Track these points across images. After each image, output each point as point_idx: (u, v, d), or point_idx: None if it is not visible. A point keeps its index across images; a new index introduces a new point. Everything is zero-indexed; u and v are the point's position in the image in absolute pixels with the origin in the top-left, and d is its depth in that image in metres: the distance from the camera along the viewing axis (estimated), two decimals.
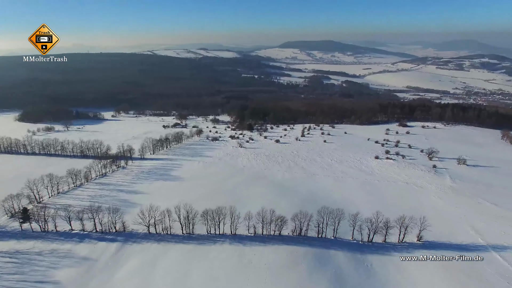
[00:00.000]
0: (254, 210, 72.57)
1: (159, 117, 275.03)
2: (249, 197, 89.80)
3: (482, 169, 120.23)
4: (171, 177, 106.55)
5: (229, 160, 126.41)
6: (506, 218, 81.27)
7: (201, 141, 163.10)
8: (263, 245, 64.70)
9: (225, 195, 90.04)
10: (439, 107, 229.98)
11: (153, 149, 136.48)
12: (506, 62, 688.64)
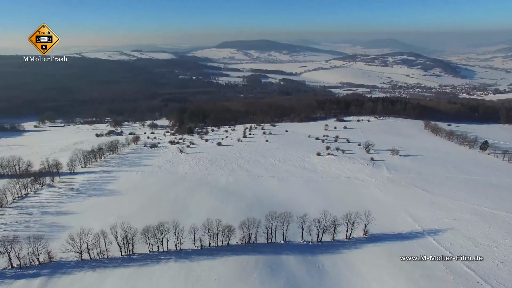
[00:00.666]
0: (200, 219, 68.97)
1: (91, 125, 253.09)
2: (193, 206, 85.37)
3: (412, 158, 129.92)
4: (107, 191, 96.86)
5: (169, 168, 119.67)
6: (436, 203, 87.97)
7: (138, 148, 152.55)
8: (212, 258, 61.13)
9: (168, 206, 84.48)
10: (371, 102, 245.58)
11: (84, 161, 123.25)
12: (421, 59, 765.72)
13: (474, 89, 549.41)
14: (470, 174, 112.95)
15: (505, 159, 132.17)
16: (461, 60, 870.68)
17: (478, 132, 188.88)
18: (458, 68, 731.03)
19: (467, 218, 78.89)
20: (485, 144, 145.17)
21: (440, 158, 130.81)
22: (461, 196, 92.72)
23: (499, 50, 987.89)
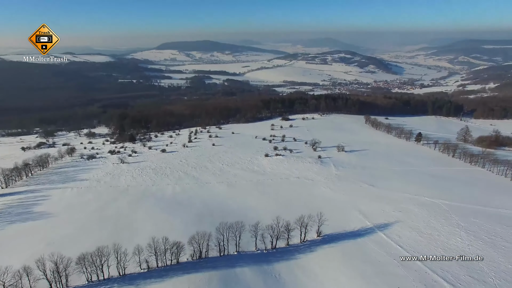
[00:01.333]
0: (146, 236, 63.70)
1: (16, 137, 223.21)
2: (138, 222, 78.67)
3: (357, 153, 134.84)
4: (34, 214, 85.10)
5: (110, 181, 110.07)
6: (382, 197, 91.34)
7: (74, 161, 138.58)
8: (160, 280, 55.98)
9: (109, 226, 76.75)
10: (314, 99, 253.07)
11: (5, 181, 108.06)
12: (357, 57, 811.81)
13: (404, 84, 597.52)
14: (409, 165, 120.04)
15: (436, 149, 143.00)
16: (391, 57, 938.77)
17: (411, 124, 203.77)
18: (390, 65, 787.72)
19: (411, 209, 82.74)
20: (419, 135, 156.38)
21: (382, 152, 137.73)
22: (404, 187, 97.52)
23: (421, 48, 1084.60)
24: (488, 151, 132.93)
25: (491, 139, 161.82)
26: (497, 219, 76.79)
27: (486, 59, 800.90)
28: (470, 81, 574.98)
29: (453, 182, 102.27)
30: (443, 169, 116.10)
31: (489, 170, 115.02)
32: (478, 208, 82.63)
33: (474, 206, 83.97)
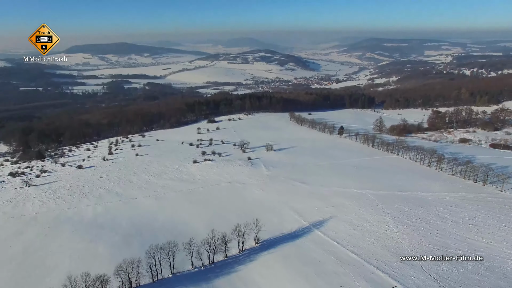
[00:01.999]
0: (61, 273, 54.59)
1: None
2: (51, 257, 67.38)
3: (285, 151, 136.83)
4: None
5: (11, 210, 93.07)
6: (314, 193, 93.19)
7: None
8: None
9: (11, 267, 64.36)
10: (239, 99, 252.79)
11: None
12: (277, 56, 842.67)
13: (322, 80, 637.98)
14: (336, 158, 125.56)
15: (357, 140, 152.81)
16: (308, 55, 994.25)
17: (332, 118, 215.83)
18: (307, 62, 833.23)
19: (342, 202, 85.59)
20: (341, 129, 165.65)
21: (309, 147, 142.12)
22: (333, 181, 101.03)
23: (334, 46, 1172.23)
24: (400, 139, 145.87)
25: (400, 128, 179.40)
26: (415, 202, 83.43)
27: (387, 56, 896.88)
28: (377, 75, 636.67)
29: (376, 171, 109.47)
30: (365, 160, 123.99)
31: (402, 157, 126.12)
32: (399, 194, 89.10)
33: (396, 192, 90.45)
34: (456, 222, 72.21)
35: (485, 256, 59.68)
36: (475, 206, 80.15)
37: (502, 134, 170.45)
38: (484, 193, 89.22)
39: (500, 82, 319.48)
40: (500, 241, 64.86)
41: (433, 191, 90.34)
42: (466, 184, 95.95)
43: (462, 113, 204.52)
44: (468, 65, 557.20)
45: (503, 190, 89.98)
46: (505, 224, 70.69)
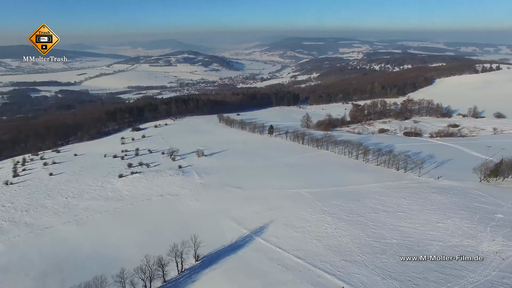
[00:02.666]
0: None
1: None
2: None
3: (217, 155, 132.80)
4: None
5: None
6: (251, 197, 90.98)
7: None
8: None
9: None
10: (164, 104, 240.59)
11: None
12: (200, 57, 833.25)
13: (247, 79, 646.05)
14: (269, 159, 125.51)
15: (288, 139, 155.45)
16: (232, 55, 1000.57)
17: (261, 117, 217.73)
18: (231, 62, 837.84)
19: (280, 204, 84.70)
20: (271, 128, 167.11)
21: (241, 149, 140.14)
22: (269, 183, 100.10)
23: (256, 46, 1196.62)
24: (327, 134, 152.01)
25: (326, 122, 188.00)
26: (349, 196, 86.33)
27: (307, 53, 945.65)
28: (299, 72, 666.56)
29: (309, 169, 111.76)
30: (298, 157, 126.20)
31: (332, 151, 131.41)
32: (333, 190, 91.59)
33: (330, 188, 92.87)
34: (387, 212, 76.08)
35: (414, 241, 63.49)
36: (401, 193, 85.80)
37: (411, 123, 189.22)
38: (406, 179, 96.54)
39: (403, 76, 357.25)
40: (424, 224, 69.72)
41: (364, 183, 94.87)
42: (390, 173, 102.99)
43: (378, 106, 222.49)
44: (376, 61, 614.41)
45: (420, 176, 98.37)
46: (426, 208, 76.41)
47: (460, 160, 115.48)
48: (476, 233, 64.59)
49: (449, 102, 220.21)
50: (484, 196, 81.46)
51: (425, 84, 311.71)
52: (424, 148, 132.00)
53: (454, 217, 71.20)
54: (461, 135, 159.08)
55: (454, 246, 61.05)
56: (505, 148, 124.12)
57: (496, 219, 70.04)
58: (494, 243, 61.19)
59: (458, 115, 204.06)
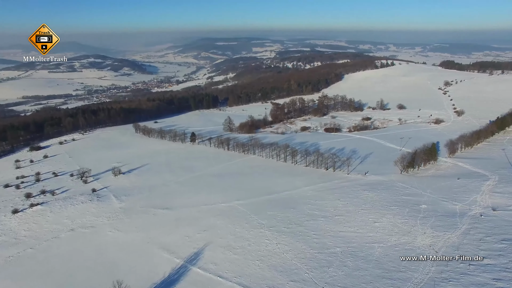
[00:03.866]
0: None
1: None
2: None
3: (137, 172, 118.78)
4: None
5: None
6: (181, 219, 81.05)
7: None
8: None
9: None
10: (70, 116, 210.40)
11: None
12: (109, 61, 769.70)
13: (162, 83, 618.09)
14: (194, 170, 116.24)
15: (212, 146, 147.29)
16: (143, 58, 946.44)
17: (181, 123, 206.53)
18: (144, 65, 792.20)
19: (213, 223, 76.83)
20: (193, 135, 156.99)
21: (163, 162, 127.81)
22: (198, 199, 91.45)
23: (169, 47, 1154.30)
24: (252, 137, 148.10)
25: (249, 124, 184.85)
26: (285, 204, 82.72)
27: (221, 54, 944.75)
28: (215, 73, 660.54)
29: (238, 177, 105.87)
30: (225, 166, 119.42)
31: (259, 156, 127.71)
32: (268, 198, 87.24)
33: (264, 197, 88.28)
34: (326, 217, 74.06)
35: (357, 246, 61.98)
36: (334, 195, 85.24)
37: (329, 118, 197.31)
38: (336, 179, 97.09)
39: (316, 73, 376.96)
40: (363, 225, 69.24)
41: (297, 188, 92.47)
42: (320, 174, 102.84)
43: (296, 103, 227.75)
44: (289, 59, 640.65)
45: (348, 173, 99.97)
46: (361, 208, 76.62)
47: (379, 152, 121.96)
48: (410, 228, 65.90)
49: (358, 95, 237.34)
50: (408, 188, 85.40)
51: (336, 80, 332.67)
52: (346, 143, 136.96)
53: (387, 214, 72.20)
54: (375, 127, 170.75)
55: (394, 245, 60.99)
56: (412, 137, 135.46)
57: (422, 210, 73.05)
58: (425, 236, 62.85)
59: (368, 108, 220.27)
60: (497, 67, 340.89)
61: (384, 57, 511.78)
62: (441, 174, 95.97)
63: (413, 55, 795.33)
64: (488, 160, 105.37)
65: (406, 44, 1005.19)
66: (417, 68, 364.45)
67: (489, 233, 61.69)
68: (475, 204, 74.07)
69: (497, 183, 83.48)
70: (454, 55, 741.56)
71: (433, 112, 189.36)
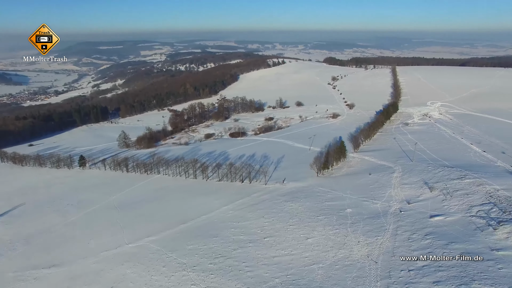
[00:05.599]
0: None
1: None
2: None
3: (6, 218, 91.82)
4: None
5: None
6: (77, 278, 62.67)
7: None
8: None
9: None
10: None
11: None
12: None
13: (35, 95, 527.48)
14: (89, 204, 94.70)
15: (108, 168, 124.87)
16: (7, 66, 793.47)
17: (65, 143, 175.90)
18: (8, 75, 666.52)
19: (122, 274, 60.74)
20: (82, 158, 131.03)
21: (45, 199, 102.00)
22: (98, 244, 73.14)
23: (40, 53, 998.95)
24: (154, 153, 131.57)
25: (148, 137, 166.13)
26: (205, 232, 71.19)
27: (106, 59, 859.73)
28: (101, 80, 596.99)
29: (145, 206, 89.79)
30: (127, 193, 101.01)
31: (165, 175, 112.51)
32: (184, 228, 74.55)
33: (180, 227, 75.27)
34: (254, 241, 65.46)
35: (296, 273, 55.20)
36: (257, 211, 77.41)
37: (233, 122, 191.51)
38: (255, 192, 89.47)
39: (211, 75, 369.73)
40: (296, 245, 62.91)
41: (214, 209, 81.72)
42: (236, 188, 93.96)
43: (196, 109, 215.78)
44: (181, 61, 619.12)
45: (266, 184, 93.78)
46: (288, 224, 70.27)
47: (290, 154, 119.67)
48: (343, 239, 62.15)
49: (256, 95, 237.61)
50: (329, 192, 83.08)
51: (232, 80, 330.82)
52: (255, 148, 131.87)
53: (317, 226, 67.51)
54: (279, 127, 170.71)
55: (334, 263, 55.95)
56: (316, 134, 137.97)
57: (348, 215, 70.74)
58: (360, 246, 59.79)
59: (269, 108, 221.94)
60: (370, 62, 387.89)
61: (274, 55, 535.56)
62: (353, 171, 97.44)
63: (297, 53, 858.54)
64: (387, 150, 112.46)
65: (290, 42, 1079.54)
66: (305, 65, 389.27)
67: (413, 230, 61.95)
68: (391, 199, 75.30)
69: (402, 174, 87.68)
70: (331, 52, 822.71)
71: (328, 107, 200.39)
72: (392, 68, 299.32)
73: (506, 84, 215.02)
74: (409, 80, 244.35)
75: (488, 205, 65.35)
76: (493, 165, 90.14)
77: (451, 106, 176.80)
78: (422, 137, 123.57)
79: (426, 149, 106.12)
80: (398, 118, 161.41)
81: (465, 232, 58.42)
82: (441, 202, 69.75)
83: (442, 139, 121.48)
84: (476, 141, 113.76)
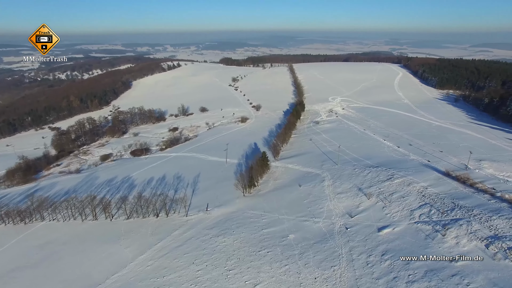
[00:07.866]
0: None
1: None
2: None
3: None
4: None
5: None
6: None
7: None
8: None
9: None
10: None
11: None
12: None
13: None
14: None
15: None
16: None
17: None
18: None
19: None
20: None
21: None
22: None
23: None
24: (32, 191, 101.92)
25: (22, 169, 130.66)
26: None
27: None
28: None
29: (23, 276, 64.77)
30: None
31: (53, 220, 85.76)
32: None
33: None
34: None
35: None
36: (184, 256, 61.94)
37: (132, 137, 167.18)
38: (176, 228, 73.41)
39: (99, 83, 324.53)
40: None
41: (127, 262, 63.16)
42: (152, 226, 75.72)
43: (86, 125, 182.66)
44: (59, 69, 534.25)
45: (187, 215, 78.37)
46: (227, 268, 57.36)
47: (206, 171, 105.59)
48: (297, 280, 52.03)
49: (154, 103, 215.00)
50: (263, 215, 72.53)
51: (124, 88, 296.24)
52: (165, 167, 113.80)
53: (262, 265, 56.10)
54: (186, 138, 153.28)
55: None
56: (229, 143, 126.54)
57: (293, 243, 61.28)
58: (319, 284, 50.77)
59: (171, 116, 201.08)
60: (266, 61, 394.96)
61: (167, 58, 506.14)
62: (281, 184, 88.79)
63: (190, 54, 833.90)
64: (308, 154, 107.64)
65: (181, 44, 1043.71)
66: (202, 67, 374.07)
67: (367, 250, 55.94)
68: (332, 214, 68.77)
69: (333, 182, 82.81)
70: (224, 51, 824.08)
71: (234, 110, 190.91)
72: (290, 66, 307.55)
73: (386, 77, 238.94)
74: (307, 77, 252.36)
75: (425, 206, 63.79)
76: (408, 159, 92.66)
77: (350, 101, 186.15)
78: (336, 136, 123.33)
79: (345, 149, 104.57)
80: (307, 116, 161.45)
81: (418, 243, 54.63)
82: (382, 210, 65.96)
83: (355, 136, 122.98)
84: (385, 135, 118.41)
